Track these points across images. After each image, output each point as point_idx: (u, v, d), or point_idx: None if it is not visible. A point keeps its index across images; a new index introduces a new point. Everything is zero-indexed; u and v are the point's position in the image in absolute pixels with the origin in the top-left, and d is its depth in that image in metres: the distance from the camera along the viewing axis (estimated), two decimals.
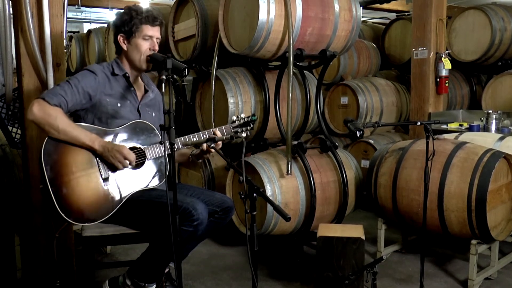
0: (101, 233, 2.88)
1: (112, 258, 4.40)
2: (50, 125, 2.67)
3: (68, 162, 2.71)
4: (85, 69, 2.95)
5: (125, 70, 3.01)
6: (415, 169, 3.93)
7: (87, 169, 2.74)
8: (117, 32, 2.99)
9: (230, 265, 4.24)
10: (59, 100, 2.72)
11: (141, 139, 2.89)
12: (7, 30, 3.38)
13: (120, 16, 2.99)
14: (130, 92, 3.00)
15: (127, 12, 2.97)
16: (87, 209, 2.70)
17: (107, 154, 2.72)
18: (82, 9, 11.75)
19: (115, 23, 3.00)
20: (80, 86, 2.80)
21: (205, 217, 2.77)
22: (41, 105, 2.68)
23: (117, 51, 3.07)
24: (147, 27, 2.95)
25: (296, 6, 3.90)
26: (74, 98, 2.78)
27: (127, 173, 2.81)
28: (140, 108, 3.03)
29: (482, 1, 7.09)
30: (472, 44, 6.15)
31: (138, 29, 2.93)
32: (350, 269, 3.41)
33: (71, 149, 2.72)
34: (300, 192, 4.06)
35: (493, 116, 5.02)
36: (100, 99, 2.87)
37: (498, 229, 3.87)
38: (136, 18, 2.93)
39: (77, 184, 2.70)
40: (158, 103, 3.18)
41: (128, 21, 2.93)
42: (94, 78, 2.88)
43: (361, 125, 3.53)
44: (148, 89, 3.14)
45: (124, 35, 2.96)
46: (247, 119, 3.07)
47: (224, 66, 4.81)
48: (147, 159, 2.85)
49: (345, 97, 5.98)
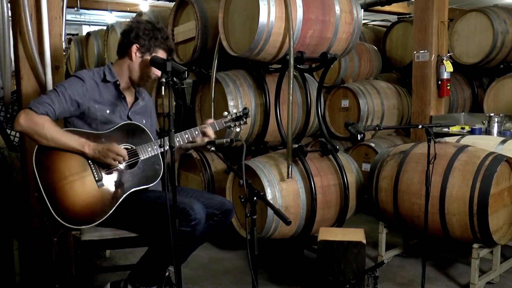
0: (100, 237, 2.87)
1: (111, 262, 4.38)
2: (38, 134, 2.67)
3: (60, 168, 2.70)
4: (73, 76, 2.92)
5: (116, 77, 2.98)
6: (416, 173, 3.91)
7: (80, 172, 2.73)
8: (133, 40, 2.94)
9: (230, 269, 4.22)
10: (46, 109, 2.71)
11: (133, 140, 2.88)
12: (5, 33, 3.37)
13: (143, 29, 2.95)
14: (120, 99, 2.99)
15: (152, 29, 2.95)
16: (83, 212, 2.69)
17: (98, 155, 2.71)
18: (81, 11, 11.76)
19: (135, 31, 2.94)
20: (67, 93, 2.79)
21: (203, 217, 2.76)
22: (28, 115, 2.68)
23: (120, 54, 3.03)
24: (163, 53, 2.98)
25: (297, 8, 3.88)
26: (62, 106, 2.77)
27: (121, 173, 2.81)
28: (130, 115, 3.02)
29: (484, 4, 7.09)
30: (473, 46, 6.13)
31: (156, 52, 2.95)
32: (351, 273, 3.40)
33: (63, 154, 2.72)
34: (301, 195, 4.04)
35: (495, 119, 5.00)
36: (89, 106, 2.86)
37: (500, 233, 3.84)
38: (159, 41, 2.95)
39: (71, 188, 2.69)
40: (149, 109, 3.19)
41: (151, 38, 2.93)
42: (82, 85, 2.85)
43: (362, 128, 3.51)
44: (139, 96, 3.12)
45: (140, 49, 2.94)
46: (239, 114, 3.05)
47: (224, 69, 4.80)
48: (140, 158, 2.83)
49: (346, 100, 5.97)
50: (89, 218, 2.70)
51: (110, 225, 2.86)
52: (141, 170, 2.85)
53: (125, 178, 2.81)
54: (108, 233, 2.88)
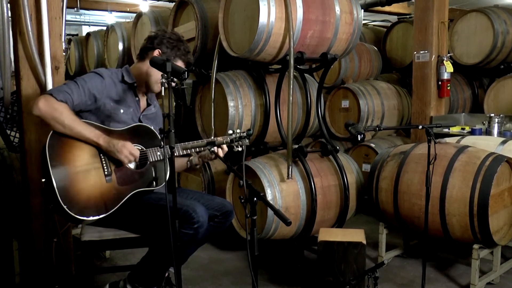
0: (100, 238, 2.87)
1: (111, 262, 4.37)
2: (55, 119, 2.70)
3: (72, 156, 2.73)
4: (93, 72, 2.99)
5: (134, 79, 3.04)
6: (416, 173, 3.91)
7: (90, 163, 2.75)
8: (157, 45, 3.04)
9: (230, 270, 4.21)
10: (65, 97, 2.76)
11: (143, 142, 2.91)
12: (5, 33, 3.36)
13: (169, 38, 3.05)
14: (134, 101, 3.05)
15: (177, 41, 3.07)
16: (88, 203, 2.70)
17: (112, 149, 2.74)
18: (81, 11, 11.78)
19: (161, 38, 3.05)
20: (86, 86, 2.84)
21: (205, 220, 2.78)
22: (47, 100, 2.72)
23: (141, 57, 3.11)
24: (182, 64, 3.07)
25: (297, 9, 3.88)
26: (80, 97, 2.81)
27: (129, 172, 2.83)
28: (141, 118, 3.07)
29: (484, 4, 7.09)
30: (474, 47, 6.13)
31: (175, 60, 3.03)
32: (351, 274, 3.39)
33: (76, 143, 2.75)
34: (301, 196, 4.04)
35: (495, 120, 5.00)
36: (105, 103, 2.90)
37: (500, 234, 3.84)
38: (181, 52, 3.06)
39: (80, 178, 2.71)
40: (159, 117, 3.23)
41: (175, 47, 3.04)
42: (101, 81, 2.91)
43: (362, 129, 3.51)
44: (151, 103, 3.19)
45: (162, 55, 3.01)
46: (242, 134, 3.05)
47: (224, 69, 4.79)
48: (149, 161, 2.86)
49: (346, 101, 5.96)
50: (93, 210, 2.71)
51: (111, 224, 2.88)
52: (148, 172, 2.88)
53: (132, 177, 2.84)
54: (108, 233, 2.89)
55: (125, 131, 2.90)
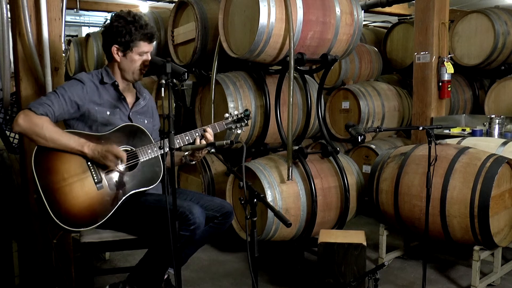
0: (99, 239, 2.86)
1: (111, 264, 4.37)
2: (37, 134, 2.65)
3: (59, 169, 2.69)
4: (73, 78, 2.92)
5: (114, 78, 2.98)
6: (417, 175, 3.90)
7: (79, 174, 2.71)
8: (111, 41, 2.92)
9: (230, 271, 4.20)
10: (45, 110, 2.70)
11: (133, 142, 2.87)
12: (5, 34, 3.35)
13: (116, 26, 2.88)
14: (120, 100, 2.98)
15: (125, 25, 2.88)
16: (82, 214, 2.68)
17: (97, 156, 2.70)
18: (80, 12, 11.76)
19: (110, 33, 2.91)
20: (67, 95, 2.78)
21: (202, 221, 2.75)
22: (27, 115, 2.66)
23: (108, 59, 3.01)
24: (145, 44, 2.93)
25: (297, 9, 3.88)
26: (61, 107, 2.76)
27: (121, 175, 2.79)
28: (131, 116, 3.01)
29: (485, 5, 7.09)
30: (474, 48, 6.13)
31: (136, 45, 2.90)
32: (352, 275, 3.39)
33: (62, 156, 2.70)
34: (301, 197, 4.03)
35: (496, 121, 4.99)
36: (89, 108, 2.85)
37: (501, 235, 3.83)
38: (135, 34, 2.87)
39: (70, 190, 2.67)
40: (151, 108, 3.17)
41: (126, 34, 2.87)
42: (82, 87, 2.85)
43: (363, 130, 3.51)
44: (140, 96, 3.11)
45: (120, 48, 2.91)
46: (240, 115, 3.04)
47: (224, 70, 4.79)
48: (139, 160, 2.82)
49: (347, 102, 5.96)
50: (89, 220, 2.69)
51: (110, 227, 2.86)
52: (141, 172, 2.84)
53: (124, 180, 2.80)
54: (108, 235, 2.87)
55: (113, 134, 2.84)
